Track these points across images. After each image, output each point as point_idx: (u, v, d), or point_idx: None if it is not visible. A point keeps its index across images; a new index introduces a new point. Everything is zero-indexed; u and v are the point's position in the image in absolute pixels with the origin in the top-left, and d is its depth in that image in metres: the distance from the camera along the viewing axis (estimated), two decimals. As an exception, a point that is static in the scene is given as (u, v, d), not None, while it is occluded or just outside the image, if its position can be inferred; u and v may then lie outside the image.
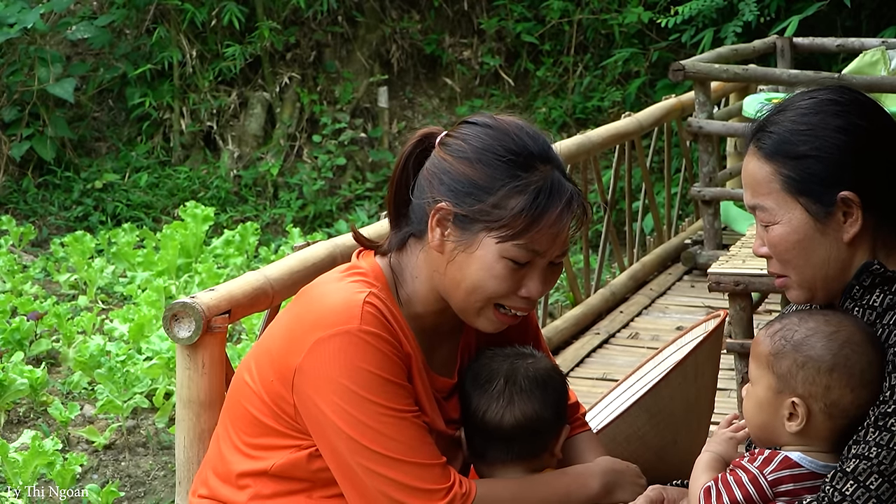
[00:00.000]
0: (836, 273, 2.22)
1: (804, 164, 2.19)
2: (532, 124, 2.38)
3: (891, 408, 2.08)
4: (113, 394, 5.62)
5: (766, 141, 2.23)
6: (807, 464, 2.16)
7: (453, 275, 2.31)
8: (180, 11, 10.53)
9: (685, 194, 7.30)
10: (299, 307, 2.37)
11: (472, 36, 10.92)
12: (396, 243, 2.38)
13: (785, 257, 2.24)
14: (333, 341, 2.24)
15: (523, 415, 2.40)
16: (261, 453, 2.35)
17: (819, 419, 2.15)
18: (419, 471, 2.24)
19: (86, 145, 10.60)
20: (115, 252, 8.18)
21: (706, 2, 8.93)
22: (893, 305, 2.17)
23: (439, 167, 2.32)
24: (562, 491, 2.39)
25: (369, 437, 2.23)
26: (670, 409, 3.05)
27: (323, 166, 10.39)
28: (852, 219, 2.18)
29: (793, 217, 2.21)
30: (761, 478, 2.16)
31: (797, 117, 2.22)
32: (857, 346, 2.13)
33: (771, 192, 2.22)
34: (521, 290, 2.31)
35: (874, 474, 2.06)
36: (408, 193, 2.37)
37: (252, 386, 2.36)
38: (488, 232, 2.26)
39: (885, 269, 2.19)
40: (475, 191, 2.27)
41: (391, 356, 2.26)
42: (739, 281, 4.17)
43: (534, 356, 2.48)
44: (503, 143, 2.30)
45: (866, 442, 2.09)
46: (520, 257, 2.28)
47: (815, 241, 2.21)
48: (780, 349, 2.17)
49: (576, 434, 2.57)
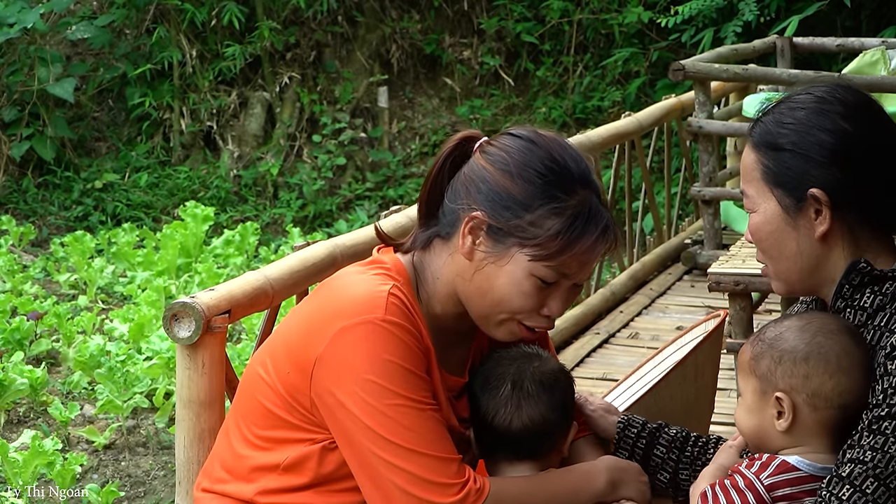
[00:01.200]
0: (810, 268, 2.24)
1: (782, 157, 2.22)
2: (578, 150, 2.38)
3: (884, 411, 2.09)
4: (113, 394, 5.62)
5: (757, 130, 2.29)
6: (804, 467, 2.17)
7: (480, 284, 2.31)
8: (180, 11, 10.53)
9: (685, 194, 7.31)
10: (320, 299, 2.36)
11: (472, 36, 10.92)
12: (421, 242, 2.39)
13: (761, 246, 2.28)
14: (357, 330, 2.24)
15: (531, 419, 2.41)
16: (274, 446, 2.34)
17: (805, 412, 2.16)
18: (436, 464, 2.24)
19: (86, 145, 10.60)
20: (115, 252, 8.18)
21: (706, 2, 8.93)
22: (883, 306, 2.18)
23: (478, 175, 2.32)
24: (570, 487, 2.40)
25: (388, 428, 2.22)
26: (670, 409, 3.05)
27: (323, 166, 10.39)
28: (821, 216, 2.20)
29: (767, 207, 2.24)
30: (757, 483, 2.17)
31: (787, 111, 2.25)
32: (831, 333, 2.15)
33: (753, 181, 2.27)
34: (544, 308, 2.33)
35: (870, 478, 2.07)
36: (441, 194, 2.36)
37: (266, 379, 2.35)
38: (521, 248, 2.27)
39: (873, 267, 2.20)
40: (513, 205, 2.28)
41: (413, 348, 2.26)
42: (739, 281, 4.17)
43: (540, 357, 2.48)
44: (545, 161, 2.30)
45: (861, 446, 2.09)
46: (548, 277, 2.29)
47: (787, 233, 2.23)
48: (758, 352, 2.21)
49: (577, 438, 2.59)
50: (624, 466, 2.50)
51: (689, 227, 7.30)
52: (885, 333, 2.15)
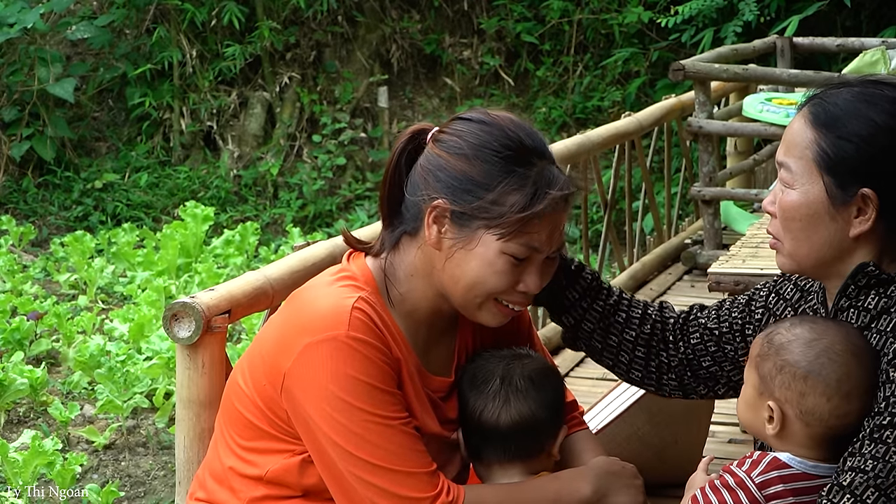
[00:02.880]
0: (830, 259, 2.21)
1: (842, 146, 2.16)
2: (531, 123, 2.37)
3: (886, 419, 2.07)
4: (113, 394, 5.62)
5: (818, 108, 2.21)
6: (796, 464, 2.16)
7: (452, 271, 2.30)
8: (180, 11, 10.53)
9: (685, 194, 7.30)
10: (290, 311, 2.36)
11: (472, 36, 10.92)
12: (390, 243, 2.37)
13: (788, 224, 2.22)
14: (321, 347, 2.23)
15: (519, 414, 2.40)
16: (255, 457, 2.34)
17: (796, 425, 2.15)
18: (405, 478, 2.23)
19: (86, 145, 10.60)
20: (115, 252, 8.18)
21: (706, 2, 8.93)
22: (887, 309, 2.16)
23: (435, 164, 2.30)
24: (551, 496, 2.37)
25: (355, 444, 2.22)
26: (670, 409, 3.05)
27: (323, 166, 10.39)
28: (864, 216, 2.16)
29: (811, 190, 2.19)
30: (748, 481, 2.16)
31: (859, 103, 2.18)
32: (836, 355, 2.12)
33: (802, 157, 2.19)
34: (520, 285, 2.31)
35: (870, 487, 2.05)
36: (401, 191, 2.35)
37: (245, 390, 2.36)
38: (487, 229, 2.26)
39: (881, 270, 2.18)
40: (473, 187, 2.26)
41: (379, 363, 2.25)
42: (739, 281, 4.17)
43: (530, 356, 2.48)
44: (499, 139, 2.29)
45: (862, 455, 2.07)
46: (519, 253, 2.27)
47: (823, 222, 2.19)
48: (765, 351, 2.19)
49: (573, 433, 2.57)
50: (615, 470, 2.46)
51: (689, 227, 7.29)
52: (889, 339, 2.13)
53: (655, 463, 3.00)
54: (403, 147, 2.36)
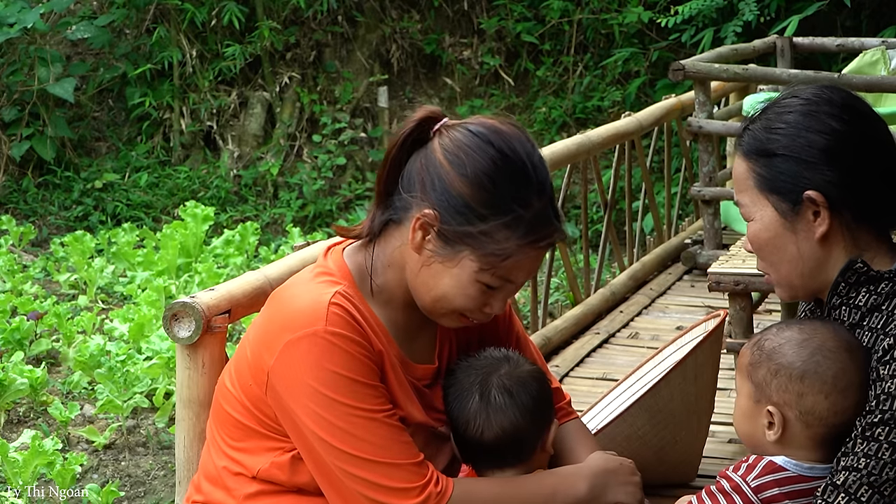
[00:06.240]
0: (811, 271, 2.23)
1: (774, 163, 2.21)
2: (531, 145, 2.33)
3: (877, 417, 2.08)
4: (113, 393, 5.62)
5: (745, 139, 2.27)
6: (791, 467, 2.17)
7: (426, 279, 2.31)
8: (180, 11, 10.53)
9: (685, 194, 7.30)
10: (270, 310, 2.37)
11: (472, 36, 10.92)
12: (376, 229, 2.37)
13: (762, 254, 2.27)
14: (301, 343, 2.25)
15: (502, 429, 2.40)
16: (245, 457, 2.35)
17: (797, 427, 2.16)
18: (391, 470, 2.24)
19: (86, 145, 10.60)
20: (115, 252, 8.18)
21: (706, 2, 8.93)
22: (878, 306, 2.18)
23: (434, 169, 2.28)
24: (547, 492, 2.37)
25: (339, 438, 2.23)
26: (670, 408, 3.05)
27: (323, 166, 10.39)
28: (820, 218, 2.19)
29: (764, 214, 2.24)
30: (744, 485, 2.16)
31: (775, 116, 2.24)
32: (830, 352, 2.14)
33: (746, 190, 2.26)
34: (486, 307, 2.33)
35: (864, 486, 2.06)
36: (399, 172, 2.33)
37: (232, 390, 2.37)
38: (471, 255, 2.27)
39: (869, 268, 2.19)
40: (466, 212, 2.25)
41: (358, 356, 2.26)
42: (739, 281, 4.17)
43: (508, 361, 2.47)
44: (504, 170, 2.26)
45: (855, 453, 2.08)
46: (494, 283, 2.29)
47: (786, 238, 2.23)
48: (756, 359, 2.20)
49: (564, 423, 2.57)
50: (612, 468, 2.46)
51: (689, 227, 7.29)
52: (879, 336, 2.14)
53: (655, 463, 3.00)
54: (410, 132, 2.33)
